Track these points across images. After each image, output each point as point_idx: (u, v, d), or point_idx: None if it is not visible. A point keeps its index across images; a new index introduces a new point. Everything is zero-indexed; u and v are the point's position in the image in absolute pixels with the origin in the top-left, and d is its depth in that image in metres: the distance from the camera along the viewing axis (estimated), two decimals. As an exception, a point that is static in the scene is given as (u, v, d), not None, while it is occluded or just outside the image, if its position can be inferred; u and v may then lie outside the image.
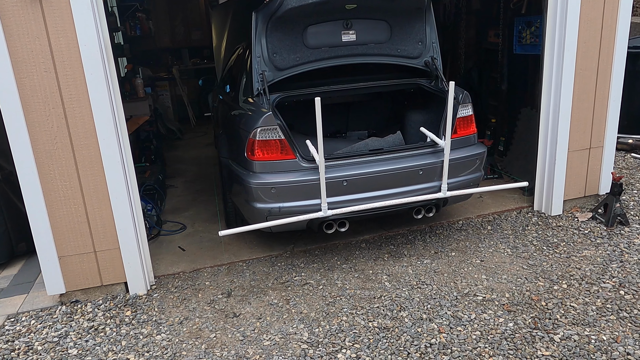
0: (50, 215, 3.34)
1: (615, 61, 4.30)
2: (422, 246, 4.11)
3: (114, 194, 3.41)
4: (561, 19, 4.05)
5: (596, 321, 3.04)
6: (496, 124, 5.71)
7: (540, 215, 4.51)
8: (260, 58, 3.82)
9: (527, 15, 5.08)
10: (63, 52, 3.13)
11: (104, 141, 3.30)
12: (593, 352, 2.79)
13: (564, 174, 4.40)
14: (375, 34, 4.02)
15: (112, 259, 3.54)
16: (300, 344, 3.00)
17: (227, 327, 3.22)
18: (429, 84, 4.19)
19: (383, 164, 3.72)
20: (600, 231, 4.15)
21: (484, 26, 5.87)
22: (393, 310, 3.26)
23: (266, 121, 3.56)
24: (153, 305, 3.51)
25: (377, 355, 2.86)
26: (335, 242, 4.24)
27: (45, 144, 3.23)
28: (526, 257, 3.84)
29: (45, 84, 3.14)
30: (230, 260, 4.06)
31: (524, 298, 3.32)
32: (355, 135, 4.77)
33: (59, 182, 3.31)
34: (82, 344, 3.13)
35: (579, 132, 4.36)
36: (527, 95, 5.16)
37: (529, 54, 5.09)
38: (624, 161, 5.74)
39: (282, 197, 3.57)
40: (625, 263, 3.66)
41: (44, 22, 3.06)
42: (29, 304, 3.62)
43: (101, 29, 3.21)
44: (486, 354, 2.82)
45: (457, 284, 3.53)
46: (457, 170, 3.86)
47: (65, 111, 3.21)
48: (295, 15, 3.72)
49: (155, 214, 4.74)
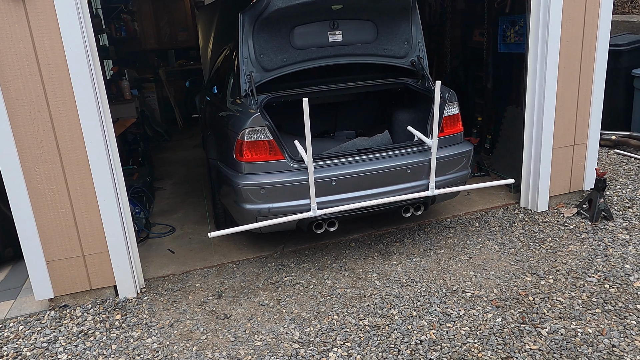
0: (37, 219, 3.31)
1: (597, 59, 4.37)
2: (411, 244, 4.15)
3: (102, 197, 3.38)
4: (544, 18, 4.11)
5: (582, 315, 3.10)
6: (482, 122, 5.77)
7: (527, 212, 4.57)
8: (248, 59, 3.82)
9: (511, 14, 5.14)
10: (48, 55, 3.10)
11: (91, 144, 3.28)
12: (579, 345, 2.84)
13: (549, 170, 4.47)
14: (362, 34, 4.05)
15: (100, 263, 3.52)
16: (292, 343, 3.01)
17: (218, 328, 3.22)
18: (416, 83, 4.23)
19: (371, 163, 3.74)
20: (585, 226, 4.22)
21: (469, 25, 5.94)
22: (383, 308, 3.29)
23: (254, 122, 3.56)
24: (143, 308, 3.50)
25: (368, 353, 2.88)
26: (325, 241, 4.26)
27: (31, 148, 3.20)
28: (513, 253, 3.89)
29: (30, 87, 3.11)
30: (220, 262, 4.06)
31: (511, 293, 3.37)
32: (343, 135, 4.79)
33: (45, 185, 3.28)
34: (71, 349, 3.11)
35: (563, 129, 4.43)
36: (512, 94, 5.22)
37: (513, 53, 5.15)
38: (607, 157, 5.85)
39: (271, 198, 3.58)
40: (609, 257, 3.73)
41: (27, 25, 3.03)
42: (16, 310, 3.58)
43: (86, 30, 3.19)
44: (475, 349, 2.86)
45: (446, 280, 3.57)
46: (445, 169, 3.90)
47: (51, 114, 3.19)
48: (282, 16, 3.73)
49: (144, 217, 4.72)
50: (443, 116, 3.93)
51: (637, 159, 5.66)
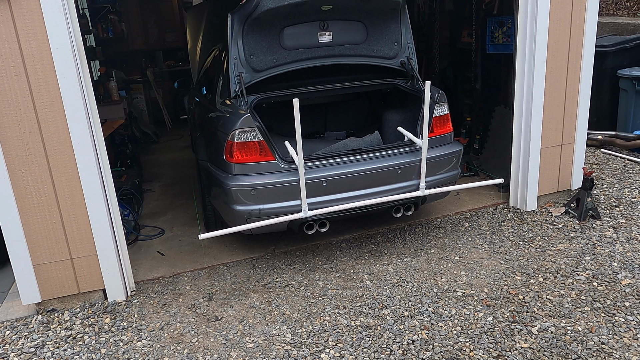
0: (23, 222, 3.26)
1: (584, 60, 4.43)
2: (402, 244, 4.16)
3: (90, 199, 3.34)
4: (532, 19, 4.15)
5: (571, 313, 3.13)
6: (471, 122, 5.81)
7: (516, 211, 4.61)
8: (237, 60, 3.80)
9: (499, 15, 5.18)
10: (34, 56, 3.06)
11: (78, 146, 3.24)
12: (569, 342, 2.87)
13: (537, 170, 4.51)
14: (352, 35, 4.05)
15: (89, 266, 3.47)
16: (284, 345, 3.00)
17: (209, 331, 3.20)
18: (406, 84, 4.24)
19: (362, 163, 3.74)
20: (573, 225, 4.27)
21: (458, 26, 5.97)
22: (375, 309, 3.29)
23: (244, 123, 3.55)
24: (133, 311, 3.46)
25: (360, 353, 2.88)
26: (316, 242, 4.25)
27: (17, 150, 3.15)
28: (503, 252, 3.92)
29: (16, 88, 3.07)
30: (210, 264, 4.03)
31: (502, 292, 3.39)
32: (333, 136, 4.79)
33: (32, 188, 3.23)
34: (60, 354, 3.06)
35: (551, 129, 4.48)
36: (500, 94, 5.27)
37: (501, 54, 5.20)
38: (594, 157, 5.92)
39: (262, 199, 3.56)
40: (597, 255, 3.77)
41: (13, 25, 2.98)
42: (2, 315, 3.52)
43: (73, 31, 3.15)
44: (467, 348, 2.87)
45: (437, 280, 3.58)
46: (435, 169, 3.92)
47: (38, 116, 3.14)
48: (272, 17, 3.72)
49: (133, 219, 4.67)
50: (433, 116, 3.94)
51: (623, 159, 5.74)
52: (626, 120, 6.14)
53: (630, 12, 9.63)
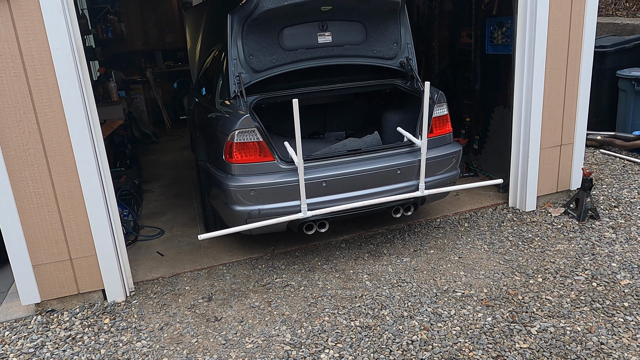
0: (23, 222, 3.26)
1: (583, 60, 4.43)
2: (401, 245, 4.16)
3: (90, 200, 3.34)
4: (531, 20, 4.16)
5: (571, 313, 3.13)
6: (471, 122, 5.81)
7: (515, 212, 4.61)
8: (237, 60, 3.80)
9: (498, 16, 5.19)
10: (34, 56, 3.06)
11: (78, 146, 3.24)
12: (568, 343, 2.87)
13: (536, 170, 4.51)
14: (351, 35, 4.06)
15: (88, 266, 3.47)
16: (283, 345, 3.00)
17: (209, 331, 3.20)
18: (405, 84, 4.24)
19: (361, 164, 3.75)
20: (572, 225, 4.27)
21: (457, 27, 5.98)
22: (374, 309, 3.29)
23: (244, 123, 3.55)
24: (132, 312, 3.46)
25: (359, 354, 2.88)
26: (316, 243, 4.26)
27: (16, 150, 3.15)
28: (502, 253, 3.92)
29: (15, 88, 3.07)
30: (210, 264, 4.03)
31: (501, 293, 3.40)
32: (333, 136, 4.79)
33: (31, 188, 3.23)
34: (59, 354, 3.06)
35: (550, 129, 4.48)
36: (500, 95, 5.27)
37: (500, 54, 5.20)
38: (593, 157, 5.93)
39: (261, 200, 3.56)
40: (596, 256, 3.77)
41: (12, 25, 2.99)
42: (2, 315, 3.52)
43: (73, 31, 3.15)
44: (466, 348, 2.87)
45: (437, 281, 3.58)
46: (434, 169, 3.92)
47: (37, 116, 3.14)
48: (271, 17, 3.72)
49: (132, 219, 4.67)
50: (432, 117, 3.95)
51: (622, 159, 5.74)
52: (625, 121, 6.15)
53: (629, 13, 9.64)
